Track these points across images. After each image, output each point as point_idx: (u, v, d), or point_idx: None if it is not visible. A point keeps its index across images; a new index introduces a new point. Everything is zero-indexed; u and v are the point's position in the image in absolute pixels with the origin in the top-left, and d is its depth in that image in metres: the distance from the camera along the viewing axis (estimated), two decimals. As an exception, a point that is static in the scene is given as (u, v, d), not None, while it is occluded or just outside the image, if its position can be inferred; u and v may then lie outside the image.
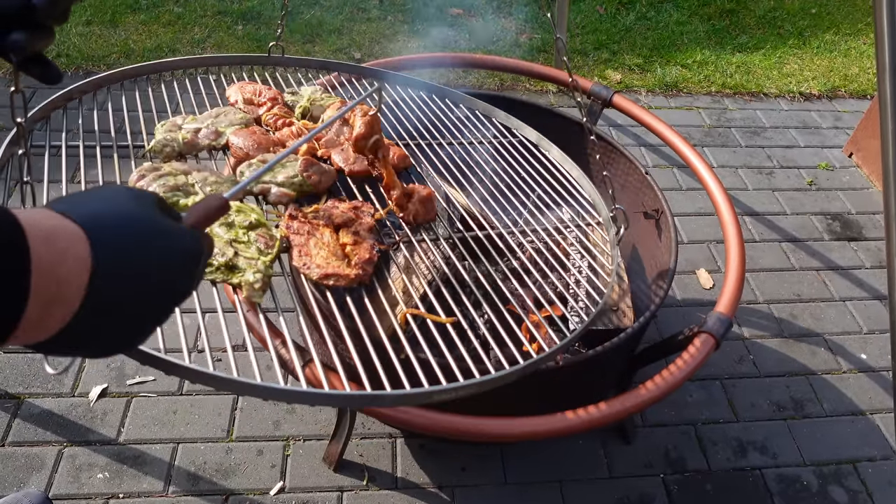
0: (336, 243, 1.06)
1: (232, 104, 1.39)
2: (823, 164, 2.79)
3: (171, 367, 0.77)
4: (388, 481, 1.61)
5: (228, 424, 1.69)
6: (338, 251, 1.05)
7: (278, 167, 1.17)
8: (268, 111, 1.36)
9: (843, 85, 3.30)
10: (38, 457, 1.57)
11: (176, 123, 1.25)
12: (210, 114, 1.30)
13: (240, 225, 1.01)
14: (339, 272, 1.00)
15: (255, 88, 1.42)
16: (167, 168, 1.09)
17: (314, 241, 1.05)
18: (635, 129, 2.79)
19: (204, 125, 1.25)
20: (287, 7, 1.56)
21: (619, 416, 1.18)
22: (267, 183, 1.15)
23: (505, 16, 3.56)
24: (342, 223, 1.11)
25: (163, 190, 1.04)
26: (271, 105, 1.38)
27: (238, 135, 1.23)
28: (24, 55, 0.66)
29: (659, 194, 1.67)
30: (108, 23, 3.12)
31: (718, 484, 1.69)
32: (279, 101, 1.40)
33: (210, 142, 1.23)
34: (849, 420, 1.87)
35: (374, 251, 1.06)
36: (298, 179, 1.16)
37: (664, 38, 3.47)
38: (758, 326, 2.10)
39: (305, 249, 1.03)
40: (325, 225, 1.09)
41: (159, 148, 1.19)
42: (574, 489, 1.64)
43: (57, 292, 0.43)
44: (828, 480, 1.72)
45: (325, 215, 1.11)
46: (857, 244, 2.43)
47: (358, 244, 1.06)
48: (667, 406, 1.84)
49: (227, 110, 1.32)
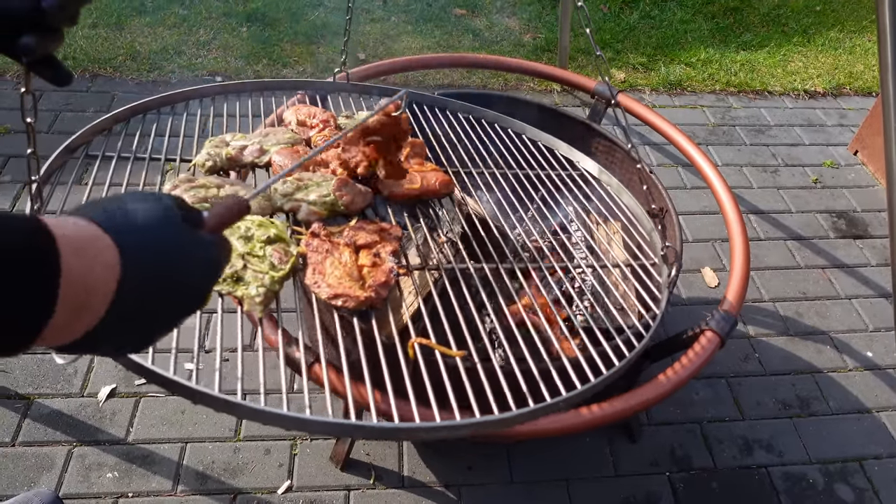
0: (354, 264, 1.05)
1: (285, 125, 1.40)
2: (828, 162, 2.79)
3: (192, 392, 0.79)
4: (395, 480, 1.62)
5: (236, 424, 1.70)
6: (354, 272, 1.03)
7: (312, 185, 1.16)
8: (318, 133, 1.36)
9: (848, 82, 3.29)
10: (49, 456, 1.59)
11: (224, 140, 1.27)
12: (259, 132, 1.31)
13: (258, 239, 1.01)
14: (350, 293, 0.98)
15: (309, 111, 1.42)
16: (202, 181, 1.11)
17: (331, 260, 1.03)
18: (639, 128, 2.79)
19: (251, 143, 1.27)
20: (349, 31, 1.59)
21: (624, 415, 1.19)
22: (299, 200, 1.15)
23: (509, 16, 3.56)
24: (364, 245, 1.09)
25: (191, 200, 1.05)
26: (323, 127, 1.38)
27: (281, 154, 1.24)
28: (35, 58, 0.67)
29: (663, 193, 1.67)
30: (114, 25, 3.14)
31: (724, 482, 1.70)
32: (331, 123, 1.40)
33: (254, 159, 1.25)
34: (855, 418, 1.87)
35: (391, 275, 1.03)
36: (331, 199, 1.15)
37: (668, 36, 3.47)
38: (763, 325, 2.10)
39: (320, 268, 1.02)
40: (347, 245, 1.07)
41: (202, 162, 1.21)
42: (580, 488, 1.65)
43: (85, 300, 0.45)
44: (834, 478, 1.72)
45: (349, 235, 1.09)
46: (862, 242, 2.43)
47: (376, 266, 1.05)
48: (672, 404, 1.84)
49: (276, 130, 1.33)
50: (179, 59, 2.98)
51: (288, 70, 3.01)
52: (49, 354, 1.80)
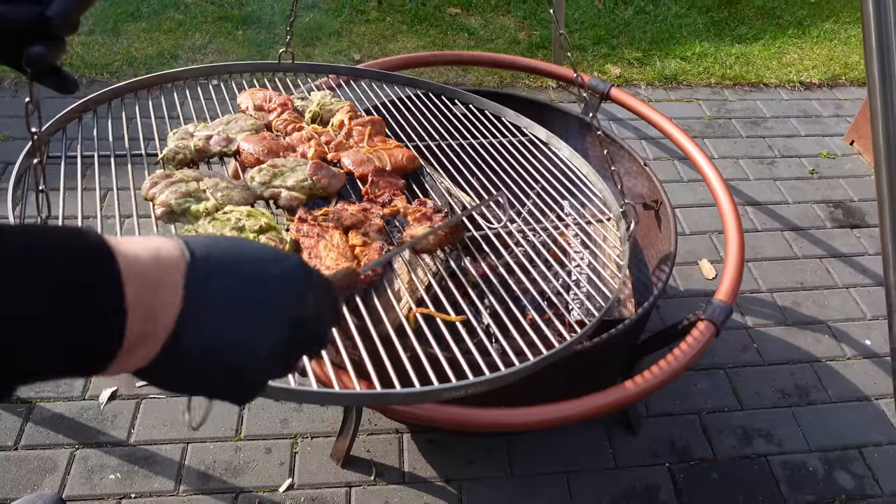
0: (345, 245, 1.07)
1: (243, 111, 1.41)
2: (825, 153, 2.80)
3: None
4: (396, 476, 1.63)
5: (237, 424, 1.71)
6: (347, 253, 1.06)
7: (288, 171, 1.18)
8: (278, 117, 1.38)
9: (843, 73, 3.30)
10: (51, 459, 1.60)
11: (188, 131, 1.27)
12: (221, 121, 1.32)
13: (250, 229, 1.03)
14: None
15: (265, 95, 1.44)
16: (179, 175, 1.11)
17: (324, 243, 1.06)
18: (635, 122, 2.80)
19: (215, 132, 1.27)
20: (295, 13, 1.58)
21: (620, 404, 1.20)
22: (277, 187, 1.16)
23: (503, 13, 3.57)
24: (351, 225, 1.12)
25: (175, 196, 1.06)
26: (281, 110, 1.40)
27: (249, 140, 1.25)
28: (44, 67, 0.67)
29: (658, 185, 1.68)
30: (111, 31, 3.16)
31: (724, 472, 1.70)
32: (289, 106, 1.42)
33: (221, 148, 1.25)
34: (854, 406, 1.88)
35: (383, 252, 1.06)
36: (308, 183, 1.17)
37: (663, 31, 3.47)
38: (761, 315, 2.11)
39: (315, 251, 1.04)
40: (335, 227, 1.10)
41: (171, 156, 1.21)
42: (580, 480, 1.66)
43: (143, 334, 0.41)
44: (834, 466, 1.73)
45: (335, 217, 1.12)
46: (859, 231, 2.44)
47: (367, 245, 1.07)
48: (671, 396, 1.85)
49: (237, 117, 1.34)
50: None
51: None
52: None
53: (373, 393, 0.84)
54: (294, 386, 0.81)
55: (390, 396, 0.83)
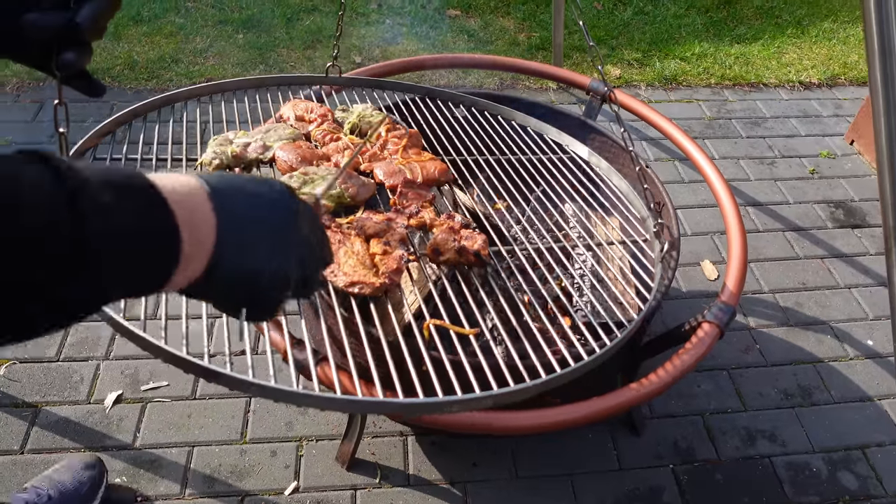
0: (366, 253, 1.09)
1: (284, 120, 1.44)
2: (825, 153, 2.80)
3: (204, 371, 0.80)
4: (401, 479, 1.64)
5: (242, 427, 1.71)
6: (366, 260, 1.07)
7: (318, 179, 1.20)
8: (317, 127, 1.40)
9: (842, 73, 3.30)
10: (57, 463, 1.60)
11: (227, 138, 1.30)
12: (261, 129, 1.34)
13: None
14: (365, 280, 1.02)
15: (307, 106, 1.46)
16: None
17: (344, 250, 1.07)
18: (636, 124, 2.81)
19: (253, 140, 1.30)
20: (341, 28, 1.63)
21: (625, 407, 1.20)
22: (306, 195, 1.17)
23: (503, 15, 3.58)
24: (374, 234, 1.13)
25: None
26: (321, 121, 1.42)
27: (284, 149, 1.27)
28: (74, 72, 0.70)
29: (660, 187, 1.68)
30: (112, 35, 3.16)
31: (728, 473, 1.71)
32: (329, 117, 1.44)
33: (258, 155, 1.28)
34: (857, 406, 1.88)
35: (402, 261, 1.07)
36: (337, 191, 1.20)
37: (662, 31, 3.48)
38: (763, 316, 2.11)
39: (335, 258, 1.05)
40: (357, 235, 1.11)
41: (209, 161, 1.24)
42: (584, 482, 1.66)
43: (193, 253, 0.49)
44: (837, 467, 1.73)
45: (358, 226, 1.13)
46: (860, 231, 2.44)
47: (387, 254, 1.08)
48: (675, 397, 1.86)
49: (277, 126, 1.36)
50: (177, 67, 3.00)
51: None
52: (56, 362, 1.82)
53: (375, 401, 0.84)
54: (299, 389, 0.81)
55: (391, 405, 0.84)
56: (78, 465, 1.51)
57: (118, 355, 1.84)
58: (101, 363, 1.83)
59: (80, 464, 1.52)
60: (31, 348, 1.84)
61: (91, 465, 1.52)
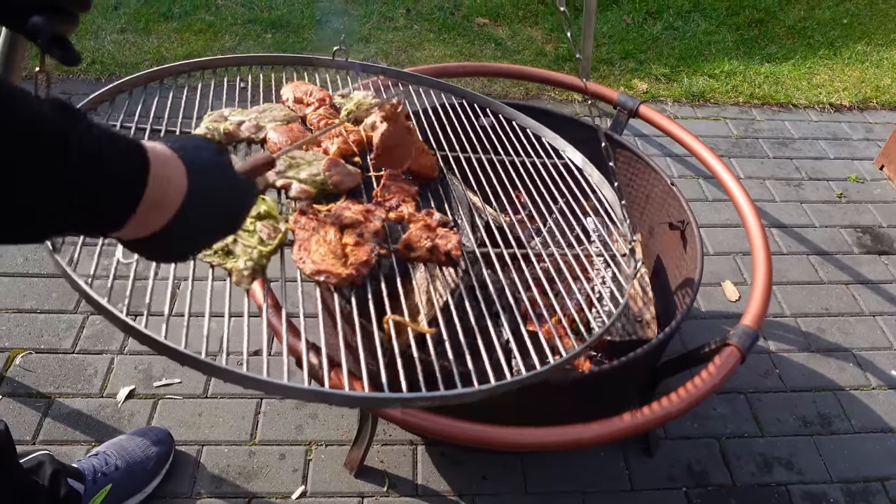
0: (338, 242, 1.07)
1: (283, 101, 1.43)
2: (853, 177, 2.75)
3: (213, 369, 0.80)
4: (409, 488, 1.62)
5: (252, 428, 1.71)
6: (337, 250, 1.06)
7: (304, 164, 1.20)
8: (314, 111, 1.39)
9: (874, 96, 3.25)
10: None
11: (222, 115, 1.30)
12: (257, 109, 1.34)
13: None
14: (332, 270, 1.01)
15: (307, 89, 1.45)
16: None
17: (317, 238, 1.06)
18: (661, 139, 2.78)
19: (248, 118, 1.29)
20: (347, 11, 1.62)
21: (642, 428, 1.18)
22: (290, 178, 1.17)
23: (530, 25, 3.57)
24: (349, 224, 1.11)
25: None
26: (318, 105, 1.41)
27: (276, 130, 1.27)
28: (45, 37, 0.72)
29: (685, 205, 1.66)
30: (142, 30, 3.19)
31: (743, 499, 1.67)
32: (327, 102, 1.43)
33: (250, 134, 1.28)
34: (878, 437, 1.84)
35: (372, 254, 1.06)
36: (321, 178, 1.18)
37: (691, 47, 3.45)
38: (784, 340, 2.08)
39: (306, 245, 1.05)
40: (332, 224, 1.10)
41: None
42: (596, 501, 1.63)
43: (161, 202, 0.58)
44: (855, 498, 1.69)
45: (335, 215, 1.12)
46: (888, 258, 2.39)
47: (359, 245, 1.07)
48: (690, 419, 1.82)
49: (273, 107, 1.36)
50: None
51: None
52: (71, 354, 1.83)
53: (375, 396, 0.85)
54: (305, 386, 0.82)
55: (391, 401, 0.84)
56: (150, 438, 1.56)
57: (133, 350, 1.85)
58: (116, 357, 1.83)
59: (153, 436, 1.57)
60: (48, 338, 1.85)
61: (161, 441, 1.57)
